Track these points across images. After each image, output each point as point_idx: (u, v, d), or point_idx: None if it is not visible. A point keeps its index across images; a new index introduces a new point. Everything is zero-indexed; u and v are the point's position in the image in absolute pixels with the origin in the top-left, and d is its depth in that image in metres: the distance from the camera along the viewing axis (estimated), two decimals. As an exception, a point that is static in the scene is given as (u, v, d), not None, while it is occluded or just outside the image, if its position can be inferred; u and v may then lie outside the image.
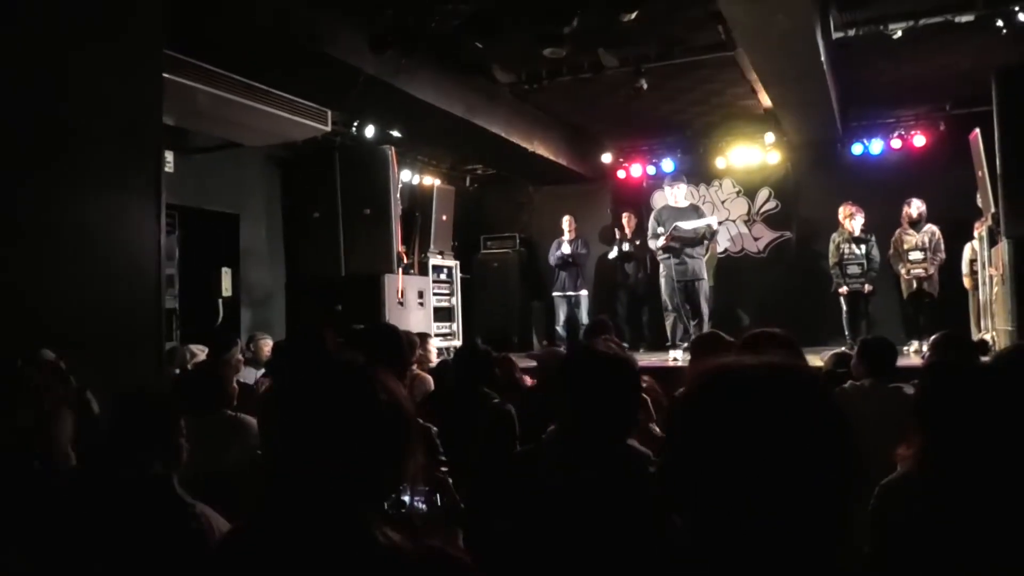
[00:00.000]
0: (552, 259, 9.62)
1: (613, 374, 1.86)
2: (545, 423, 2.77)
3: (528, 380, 5.01)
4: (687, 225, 7.69)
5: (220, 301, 7.49)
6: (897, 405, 3.13)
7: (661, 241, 7.61)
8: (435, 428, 2.44)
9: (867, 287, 7.83)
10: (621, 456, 1.81)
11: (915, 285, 7.64)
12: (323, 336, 3.08)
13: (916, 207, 7.75)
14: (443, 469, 2.34)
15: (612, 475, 1.75)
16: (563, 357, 2.12)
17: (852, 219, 7.85)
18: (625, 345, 5.53)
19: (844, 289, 7.89)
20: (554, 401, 1.95)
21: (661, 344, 8.99)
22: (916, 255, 7.67)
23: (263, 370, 5.51)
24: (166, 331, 4.28)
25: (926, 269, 7.59)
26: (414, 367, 4.75)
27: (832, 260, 8.00)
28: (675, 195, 7.83)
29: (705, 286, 7.57)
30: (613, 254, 9.60)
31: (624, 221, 9.73)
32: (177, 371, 4.53)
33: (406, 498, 1.57)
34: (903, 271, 7.71)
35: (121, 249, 3.77)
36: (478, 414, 3.29)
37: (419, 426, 1.29)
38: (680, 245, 7.58)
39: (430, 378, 4.26)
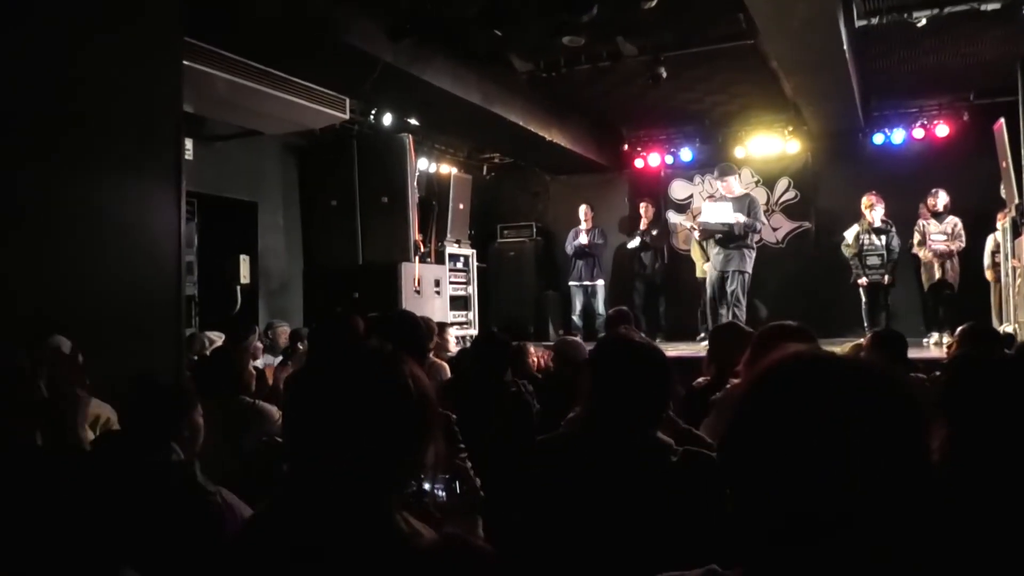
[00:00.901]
0: (569, 248, 9.59)
1: (645, 365, 1.85)
2: (561, 412, 2.77)
3: (536, 364, 5.03)
4: (712, 219, 7.69)
5: (238, 288, 7.53)
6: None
7: (697, 233, 7.79)
8: (454, 416, 2.44)
9: (887, 278, 7.75)
10: (649, 447, 1.79)
11: (936, 273, 7.55)
12: (353, 322, 3.08)
13: (942, 199, 7.66)
14: (463, 456, 2.34)
15: (640, 466, 1.74)
16: (589, 346, 2.10)
17: (872, 209, 7.78)
18: (641, 334, 5.51)
19: (864, 280, 7.82)
20: (578, 390, 1.93)
21: (678, 334, 8.97)
22: (939, 236, 7.60)
23: (280, 357, 5.55)
24: (185, 318, 4.30)
25: (948, 246, 7.50)
26: (431, 355, 4.77)
27: (851, 251, 7.92)
28: (730, 186, 7.80)
29: (741, 278, 7.51)
30: (634, 243, 9.57)
31: (641, 211, 9.68)
32: (195, 358, 4.55)
33: (427, 486, 1.56)
34: (924, 253, 7.61)
35: (141, 236, 3.79)
36: (495, 402, 3.29)
37: (441, 414, 1.29)
38: (710, 236, 7.65)
39: (446, 366, 4.27)
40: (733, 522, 0.88)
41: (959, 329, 3.73)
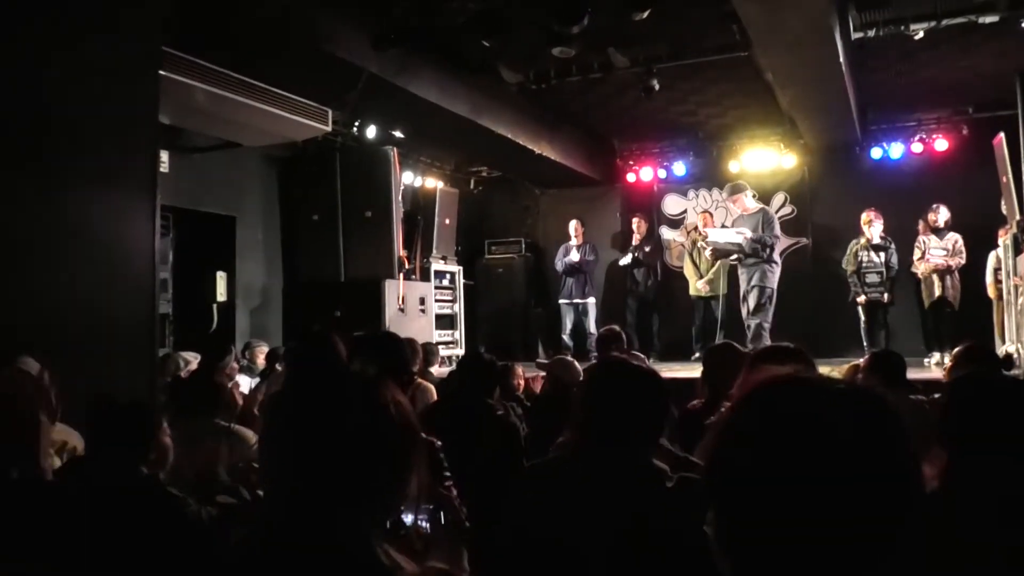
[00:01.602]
0: (559, 265, 9.60)
1: (642, 389, 1.85)
2: (552, 436, 2.76)
3: (522, 386, 5.02)
4: (720, 237, 7.80)
5: (215, 306, 7.49)
6: (915, 418, 3.11)
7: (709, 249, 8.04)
8: (439, 443, 2.43)
9: (886, 296, 7.80)
10: (644, 474, 1.79)
11: (936, 291, 7.60)
12: (332, 342, 3.07)
13: (943, 215, 7.72)
14: (447, 485, 2.33)
15: (634, 494, 1.74)
16: (591, 369, 2.11)
17: (871, 226, 7.84)
18: (638, 353, 5.51)
19: (862, 298, 7.86)
20: (570, 414, 1.93)
21: (672, 354, 8.98)
22: (938, 251, 7.65)
23: (258, 379, 5.51)
24: (159, 337, 4.27)
25: (947, 261, 7.56)
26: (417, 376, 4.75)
27: (850, 268, 7.97)
28: (743, 204, 7.88)
29: (765, 293, 7.54)
30: (626, 260, 9.60)
31: (634, 226, 9.72)
32: (169, 380, 4.52)
33: (409, 517, 1.55)
34: (922, 267, 7.66)
35: (114, 251, 3.76)
36: (482, 427, 3.27)
37: (424, 441, 1.28)
38: (723, 257, 7.87)
39: (433, 388, 4.25)
40: (716, 547, 0.89)
41: (955, 350, 3.76)
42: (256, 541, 1.17)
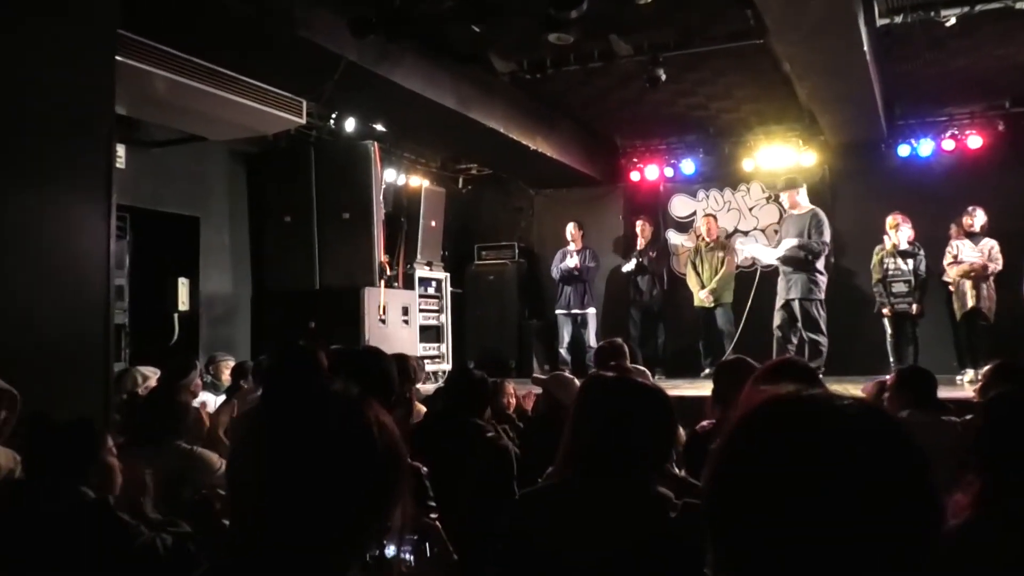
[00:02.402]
0: (555, 272, 9.61)
1: (647, 409, 1.85)
2: (546, 460, 2.76)
3: (513, 404, 5.02)
4: (749, 250, 7.91)
5: (176, 316, 7.46)
6: (947, 441, 3.12)
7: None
8: (424, 468, 2.42)
9: (914, 307, 7.83)
10: (646, 501, 1.79)
11: (969, 301, 7.63)
12: (317, 358, 3.08)
13: (979, 219, 7.76)
14: (432, 515, 2.32)
15: (636, 523, 1.74)
16: (585, 386, 2.11)
17: (898, 230, 7.87)
18: (642, 368, 5.51)
19: (888, 310, 7.89)
20: (569, 437, 1.93)
21: (679, 369, 8.99)
22: (972, 256, 7.68)
23: (224, 396, 5.49)
24: (114, 351, 4.25)
25: (983, 261, 7.55)
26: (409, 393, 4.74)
27: (875, 277, 8.00)
28: (794, 201, 7.93)
29: (811, 307, 7.58)
30: (629, 266, 9.63)
31: (637, 230, 9.74)
32: (125, 398, 4.50)
33: (391, 549, 1.55)
34: (954, 272, 7.69)
35: (64, 255, 3.75)
36: (471, 450, 3.26)
37: (409, 466, 1.29)
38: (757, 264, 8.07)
39: (422, 408, 4.25)
40: None
41: (987, 367, 3.77)
42: (223, 573, 1.16)
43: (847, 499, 0.84)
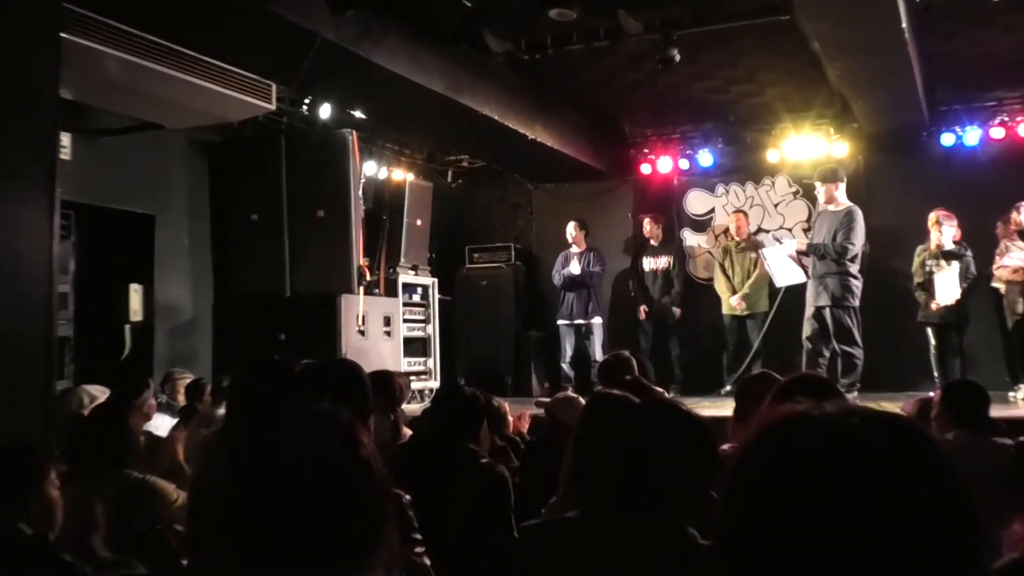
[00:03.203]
0: (556, 278, 9.60)
1: (664, 430, 1.83)
2: (547, 490, 2.73)
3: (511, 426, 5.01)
4: (777, 264, 8.01)
5: (128, 328, 7.43)
6: (1000, 465, 3.10)
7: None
8: (408, 497, 2.40)
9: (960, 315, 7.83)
10: (677, 543, 1.76)
11: (1020, 308, 7.63)
12: (293, 374, 3.06)
13: None
14: (419, 550, 2.30)
15: (658, 567, 1.71)
16: (590, 406, 2.09)
17: (941, 228, 7.87)
18: (651, 385, 5.48)
19: (932, 318, 7.88)
20: (571, 463, 1.91)
21: (696, 386, 8.98)
22: (1020, 256, 7.65)
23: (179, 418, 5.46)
24: (57, 367, 4.21)
25: None
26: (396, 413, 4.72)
27: (916, 280, 8.00)
28: (831, 195, 7.91)
29: (844, 314, 7.57)
30: (644, 269, 9.64)
31: (646, 228, 9.73)
32: (70, 421, 4.46)
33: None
34: (1000, 274, 7.68)
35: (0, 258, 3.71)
36: (462, 478, 3.24)
37: (393, 496, 1.28)
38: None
39: (407, 431, 4.23)
40: None
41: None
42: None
43: (858, 520, 0.85)
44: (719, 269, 9.30)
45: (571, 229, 9.62)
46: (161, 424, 5.37)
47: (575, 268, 9.45)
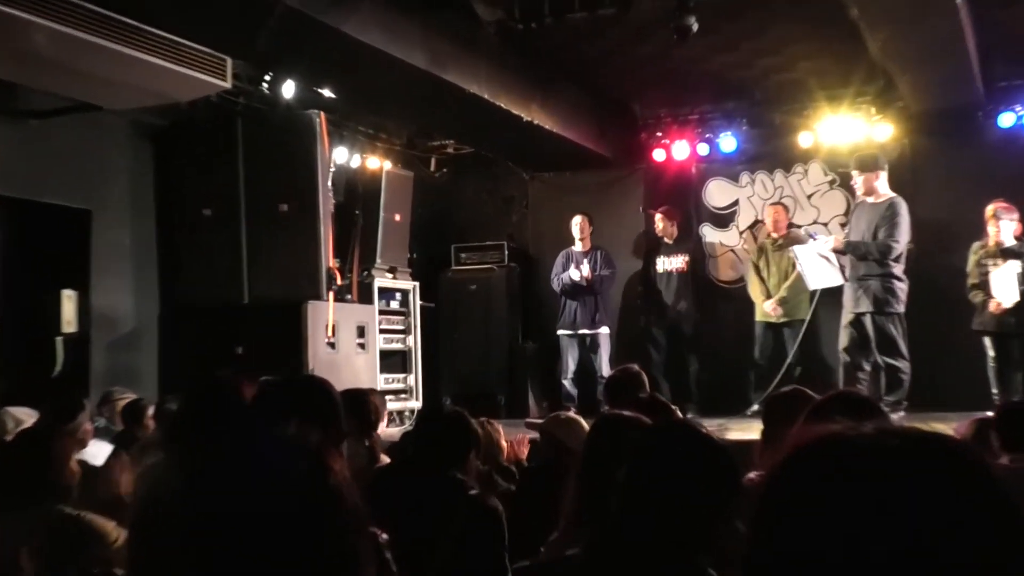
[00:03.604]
0: (556, 283, 9.60)
1: (699, 460, 1.83)
2: (546, 525, 2.72)
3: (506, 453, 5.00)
4: (810, 263, 7.91)
5: (59, 340, 7.40)
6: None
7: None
8: (385, 536, 2.40)
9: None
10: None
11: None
12: (240, 394, 3.05)
13: None
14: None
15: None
16: (596, 429, 2.10)
17: (999, 223, 7.88)
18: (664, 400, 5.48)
19: (989, 325, 7.88)
20: (575, 494, 1.91)
21: (717, 406, 8.97)
22: None
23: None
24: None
25: None
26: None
27: (971, 282, 8.00)
28: (871, 186, 7.93)
29: (885, 323, 7.57)
30: (655, 271, 9.63)
31: (658, 225, 9.72)
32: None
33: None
34: None
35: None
36: (448, 512, 3.23)
37: (369, 534, 1.29)
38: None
39: (385, 459, 4.23)
40: None
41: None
42: None
43: (898, 555, 0.86)
44: (752, 270, 9.30)
45: (577, 224, 9.62)
46: (98, 452, 5.34)
47: (581, 272, 9.40)
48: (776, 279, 9.05)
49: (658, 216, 9.73)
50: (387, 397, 7.74)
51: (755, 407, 8.48)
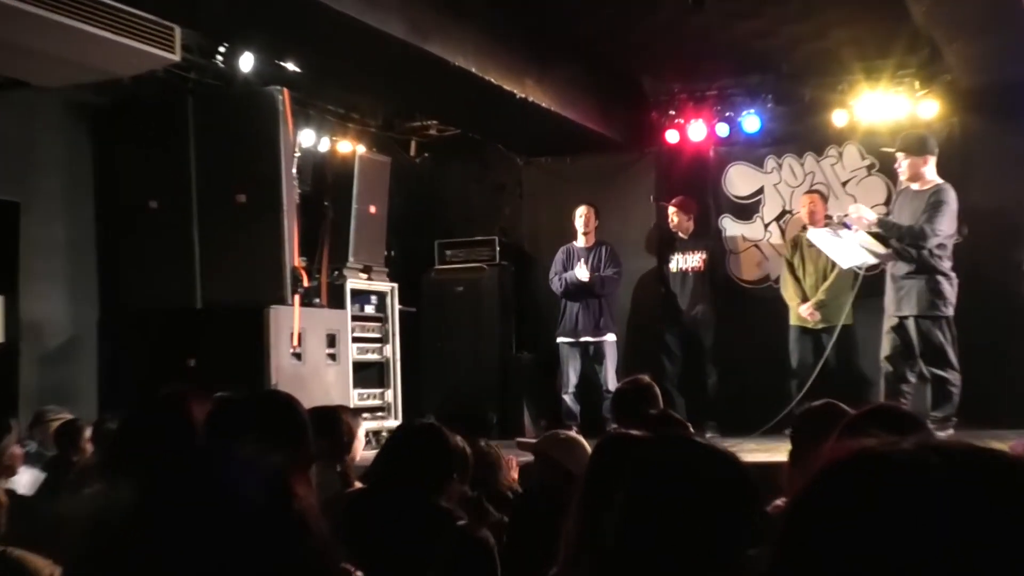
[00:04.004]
0: (556, 283, 9.61)
1: (714, 483, 1.84)
2: (545, 558, 2.73)
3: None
4: (831, 247, 7.94)
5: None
6: None
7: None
8: (360, 573, 2.40)
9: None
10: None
11: None
12: (188, 411, 3.04)
13: None
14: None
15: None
16: (600, 450, 2.11)
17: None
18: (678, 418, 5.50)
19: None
20: (576, 524, 1.92)
21: (739, 424, 8.96)
22: None
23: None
24: None
25: None
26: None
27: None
28: (916, 171, 7.89)
29: (932, 328, 7.56)
30: (667, 271, 9.64)
31: (672, 218, 9.72)
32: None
33: None
34: None
35: None
36: (431, 546, 3.24)
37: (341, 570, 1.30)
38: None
39: (359, 486, 4.22)
40: None
41: None
42: None
43: None
44: (787, 269, 9.28)
45: (582, 216, 9.62)
46: (30, 480, 5.35)
47: (581, 273, 9.41)
48: (813, 279, 9.03)
49: (672, 209, 9.74)
50: (362, 416, 7.75)
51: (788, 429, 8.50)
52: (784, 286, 9.32)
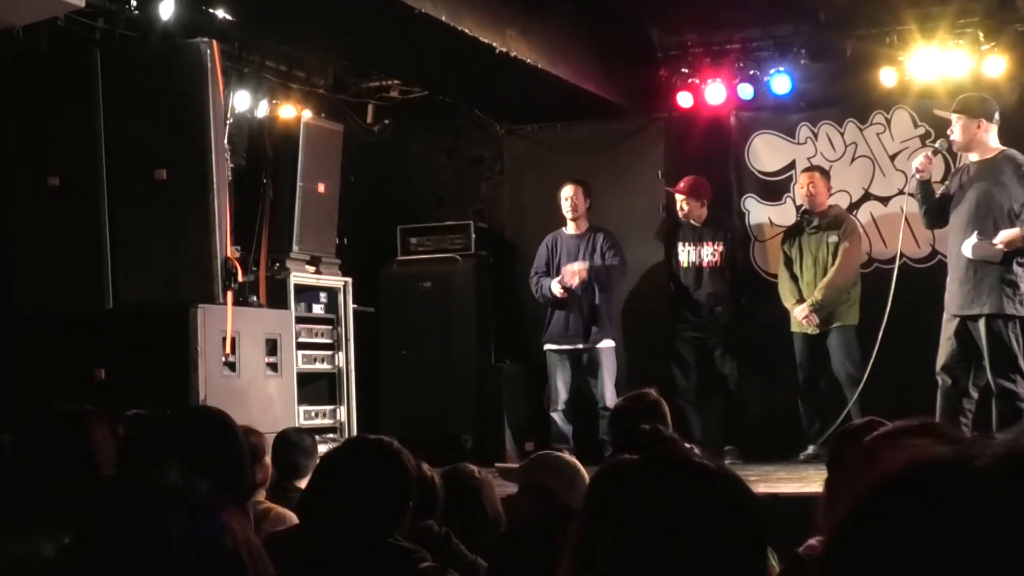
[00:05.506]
0: (534, 286, 9.65)
1: (717, 520, 1.87)
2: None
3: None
4: None
5: None
6: None
7: None
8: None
9: None
10: None
11: None
12: (88, 432, 3.06)
13: None
14: None
15: None
16: (599, 482, 2.14)
17: None
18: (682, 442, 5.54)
19: None
20: (571, 565, 1.95)
21: (767, 449, 9.01)
22: None
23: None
24: None
25: None
26: (261, 494, 4.70)
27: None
28: (972, 135, 7.87)
29: (1004, 331, 7.50)
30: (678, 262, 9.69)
31: (681, 207, 9.74)
32: None
33: None
34: None
35: None
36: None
37: None
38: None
39: (292, 516, 4.24)
40: None
41: None
42: None
43: None
44: (783, 262, 9.34)
45: (568, 198, 9.64)
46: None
47: (556, 288, 9.40)
48: (811, 274, 9.09)
49: (680, 197, 9.71)
50: (314, 437, 7.76)
51: (811, 449, 8.53)
52: (780, 282, 9.35)
